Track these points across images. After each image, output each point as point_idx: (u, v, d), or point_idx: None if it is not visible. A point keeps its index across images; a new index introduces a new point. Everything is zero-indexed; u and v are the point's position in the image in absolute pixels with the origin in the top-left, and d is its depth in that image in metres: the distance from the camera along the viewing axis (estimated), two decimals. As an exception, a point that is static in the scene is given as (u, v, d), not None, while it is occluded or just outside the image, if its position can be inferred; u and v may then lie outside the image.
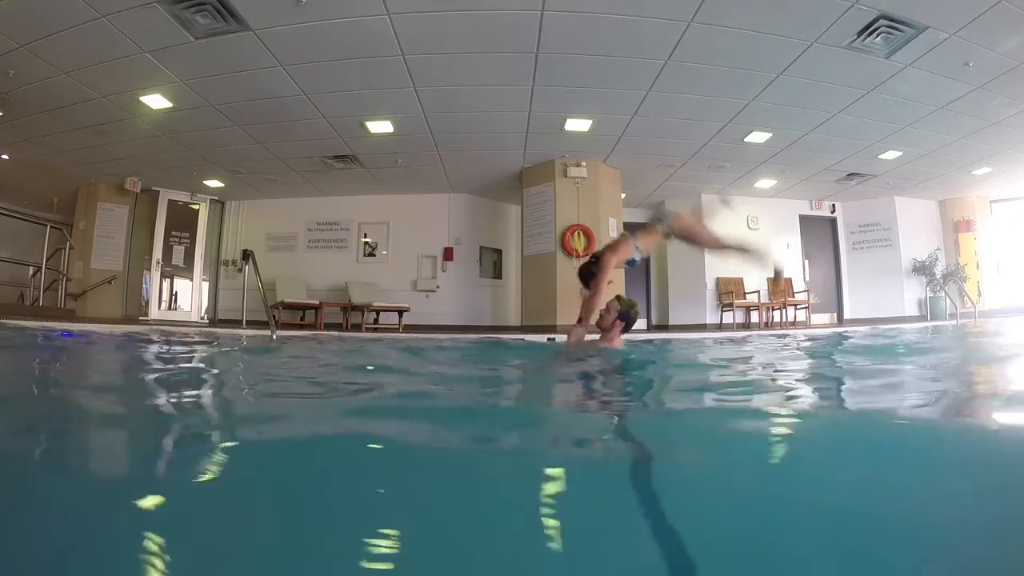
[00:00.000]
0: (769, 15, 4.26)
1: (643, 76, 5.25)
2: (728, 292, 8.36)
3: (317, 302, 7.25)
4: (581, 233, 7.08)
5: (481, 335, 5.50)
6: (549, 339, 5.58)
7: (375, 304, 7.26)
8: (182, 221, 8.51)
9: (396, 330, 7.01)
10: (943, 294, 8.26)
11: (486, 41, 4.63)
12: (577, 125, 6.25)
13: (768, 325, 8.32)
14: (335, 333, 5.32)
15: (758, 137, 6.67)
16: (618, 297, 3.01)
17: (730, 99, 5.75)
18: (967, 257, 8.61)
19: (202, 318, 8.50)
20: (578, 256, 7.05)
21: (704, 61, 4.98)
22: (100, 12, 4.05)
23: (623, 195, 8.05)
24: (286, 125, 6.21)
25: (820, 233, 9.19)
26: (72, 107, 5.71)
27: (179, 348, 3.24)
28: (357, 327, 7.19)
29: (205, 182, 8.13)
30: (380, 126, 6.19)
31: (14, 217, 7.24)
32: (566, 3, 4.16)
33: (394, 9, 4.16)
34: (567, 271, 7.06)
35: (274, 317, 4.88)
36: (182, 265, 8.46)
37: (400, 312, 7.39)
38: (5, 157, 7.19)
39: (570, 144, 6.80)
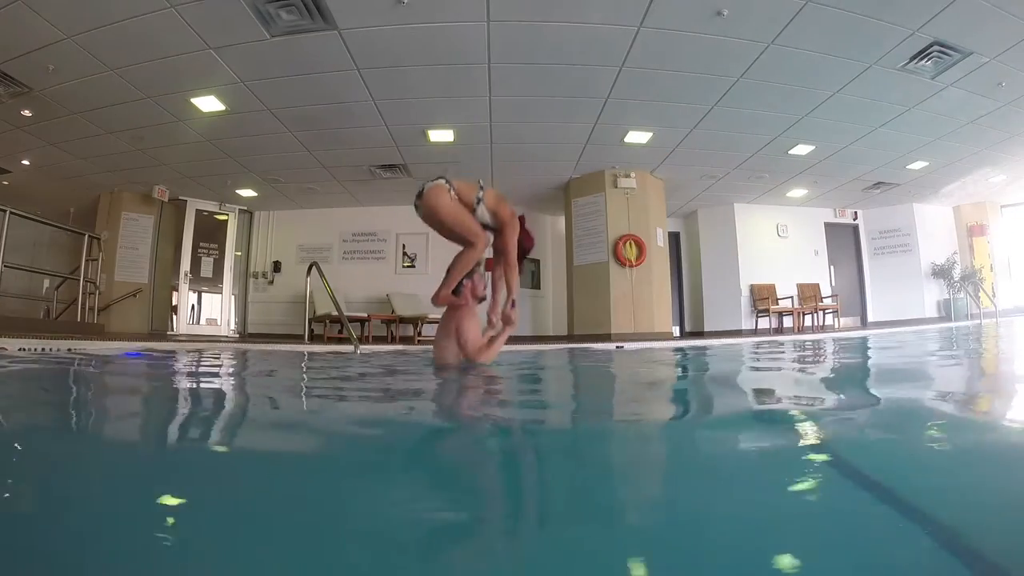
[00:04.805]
0: (839, 39, 4.48)
1: (713, 91, 5.36)
2: (763, 298, 8.56)
3: (366, 315, 7.05)
4: (633, 243, 7.12)
5: (562, 345, 5.45)
6: (618, 347, 5.61)
7: (431, 316, 7.11)
8: (209, 232, 8.17)
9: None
10: (963, 296, 8.67)
11: (576, 53, 4.64)
12: (637, 138, 6.31)
13: (800, 329, 8.54)
14: (417, 347, 5.17)
15: (802, 149, 6.89)
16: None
17: (786, 114, 5.93)
18: (982, 260, 9.08)
19: (232, 332, 8.15)
20: (631, 265, 7.10)
21: (772, 79, 5.15)
22: (170, 2, 3.81)
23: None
24: (342, 132, 6.06)
25: (843, 240, 9.52)
26: (112, 108, 5.42)
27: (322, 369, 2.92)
28: (406, 340, 7.03)
29: (238, 191, 7.83)
30: (441, 135, 6.10)
31: (55, 227, 6.77)
32: (664, 22, 4.23)
33: (496, 16, 4.13)
34: (621, 281, 7.11)
35: (352, 332, 4.70)
36: (211, 277, 8.10)
37: (452, 324, 7.24)
38: (26, 163, 6.76)
39: (623, 155, 6.86)
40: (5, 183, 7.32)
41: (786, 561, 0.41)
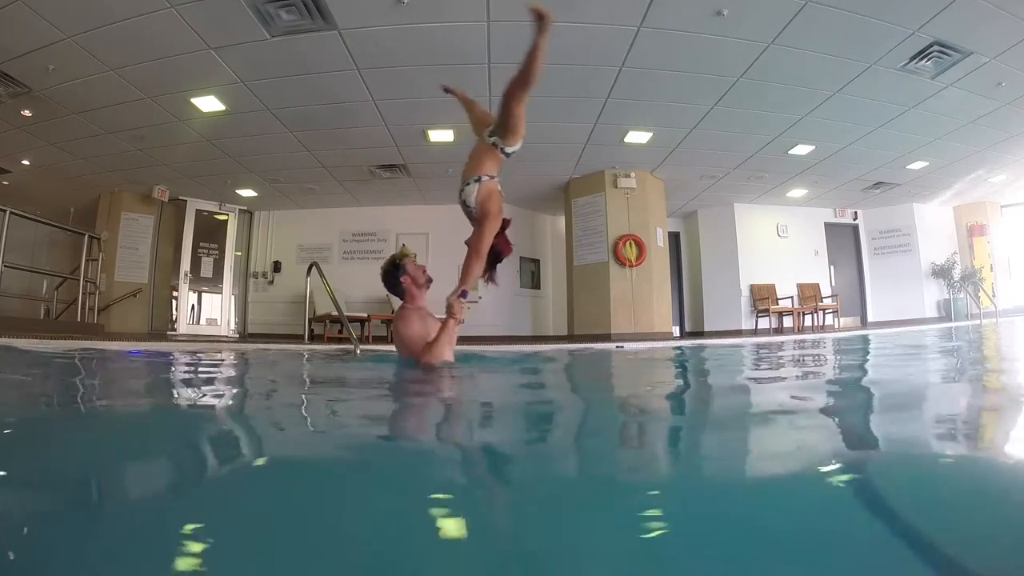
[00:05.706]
0: (839, 39, 4.48)
1: (713, 92, 5.37)
2: (763, 298, 8.56)
3: (366, 315, 7.05)
4: (633, 243, 7.12)
5: (574, 345, 5.46)
6: (618, 346, 5.62)
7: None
8: (209, 232, 8.17)
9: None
10: (963, 296, 8.68)
11: (577, 53, 4.63)
12: (637, 138, 6.31)
13: (800, 329, 8.54)
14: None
15: (802, 149, 6.89)
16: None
17: (786, 114, 5.93)
18: (981, 260, 9.08)
19: (232, 332, 8.15)
20: (631, 265, 7.10)
21: (772, 79, 5.15)
22: (170, 2, 3.81)
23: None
24: (342, 132, 6.06)
25: (843, 240, 9.53)
26: (112, 108, 5.42)
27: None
28: (406, 339, 7.02)
29: (238, 191, 7.83)
30: (441, 135, 6.10)
31: (55, 227, 6.78)
32: (663, 21, 4.23)
33: (496, 16, 4.13)
34: (621, 281, 7.11)
35: (352, 332, 4.70)
36: (211, 277, 8.10)
37: (453, 324, 7.26)
38: (26, 163, 6.76)
39: (623, 155, 6.86)
40: (5, 183, 7.32)
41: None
